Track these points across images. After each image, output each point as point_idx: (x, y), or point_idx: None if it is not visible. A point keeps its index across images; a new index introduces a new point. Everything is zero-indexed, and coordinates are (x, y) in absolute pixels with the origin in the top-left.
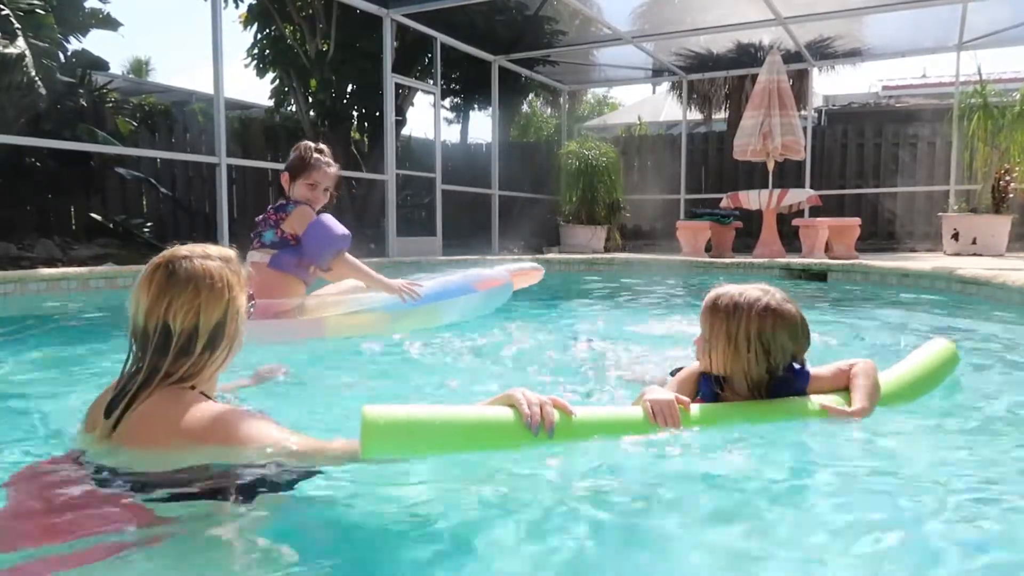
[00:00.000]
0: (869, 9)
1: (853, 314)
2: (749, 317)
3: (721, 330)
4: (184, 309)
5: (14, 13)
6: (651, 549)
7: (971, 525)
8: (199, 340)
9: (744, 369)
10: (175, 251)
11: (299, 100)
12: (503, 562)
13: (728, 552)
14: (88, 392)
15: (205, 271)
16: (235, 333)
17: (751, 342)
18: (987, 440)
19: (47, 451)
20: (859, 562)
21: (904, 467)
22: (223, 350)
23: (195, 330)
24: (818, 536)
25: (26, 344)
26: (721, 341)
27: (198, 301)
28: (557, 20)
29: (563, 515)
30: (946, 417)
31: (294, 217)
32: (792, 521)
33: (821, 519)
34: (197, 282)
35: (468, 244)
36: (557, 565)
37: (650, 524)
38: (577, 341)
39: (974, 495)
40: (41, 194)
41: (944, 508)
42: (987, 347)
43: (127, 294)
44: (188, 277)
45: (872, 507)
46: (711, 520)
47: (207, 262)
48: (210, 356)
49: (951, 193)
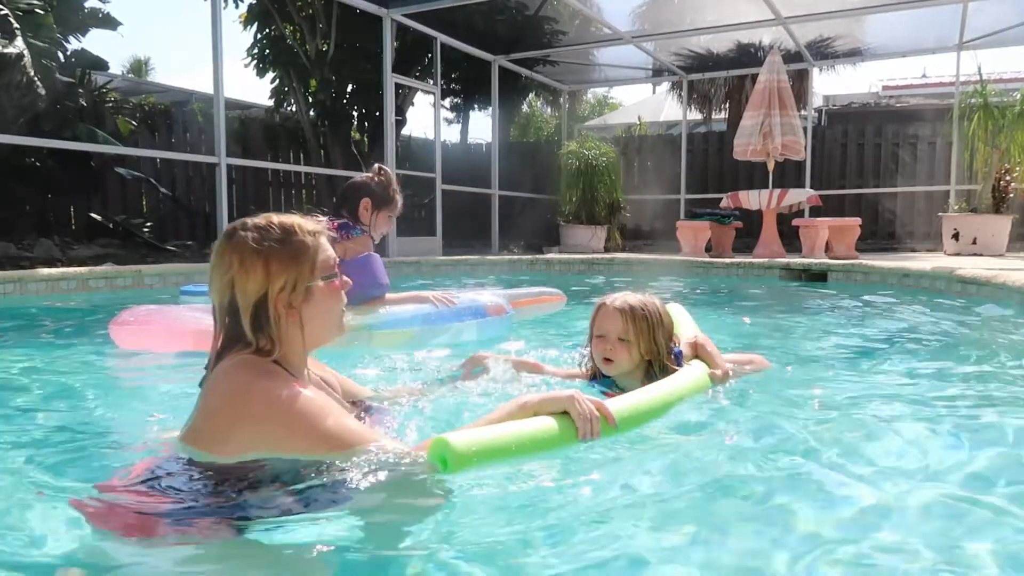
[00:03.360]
0: (869, 9)
1: (853, 314)
2: (661, 315)
3: (637, 331)
4: (217, 284)
5: (13, 13)
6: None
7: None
8: (243, 316)
9: (657, 357)
10: (243, 219)
11: (299, 100)
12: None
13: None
14: (87, 392)
15: (239, 244)
16: (287, 311)
17: (665, 335)
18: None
19: (47, 451)
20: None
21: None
22: (283, 325)
23: (233, 305)
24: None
25: (26, 343)
26: (645, 338)
27: (228, 277)
28: (557, 20)
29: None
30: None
31: (355, 244)
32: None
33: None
34: (228, 257)
35: (468, 244)
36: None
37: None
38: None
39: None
40: (41, 194)
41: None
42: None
43: (126, 294)
44: (221, 252)
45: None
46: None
47: (245, 233)
48: (266, 332)
49: (951, 193)
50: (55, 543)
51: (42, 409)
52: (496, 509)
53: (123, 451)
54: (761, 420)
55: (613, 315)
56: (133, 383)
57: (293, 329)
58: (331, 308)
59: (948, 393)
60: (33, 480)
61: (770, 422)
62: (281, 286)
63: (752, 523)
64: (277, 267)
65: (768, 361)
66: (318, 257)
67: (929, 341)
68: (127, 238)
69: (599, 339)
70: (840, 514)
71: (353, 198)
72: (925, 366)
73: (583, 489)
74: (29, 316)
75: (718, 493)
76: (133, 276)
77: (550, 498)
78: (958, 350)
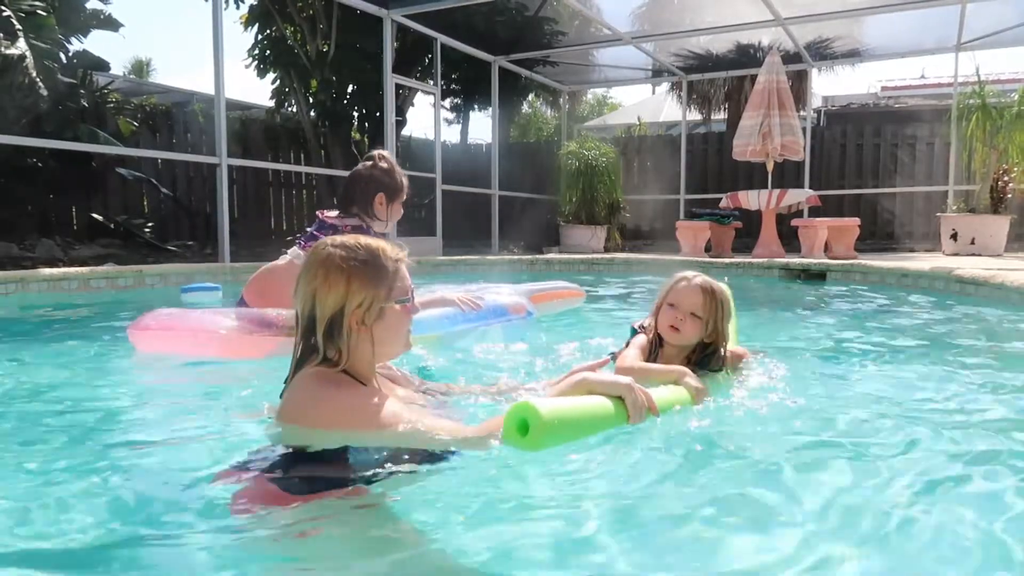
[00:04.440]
0: (868, 10)
1: (852, 314)
2: (730, 307)
3: (712, 310)
4: (302, 293)
5: (15, 14)
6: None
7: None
8: (318, 326)
9: (713, 342)
10: (334, 236)
11: (300, 100)
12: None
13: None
14: (86, 391)
15: (327, 259)
16: (359, 327)
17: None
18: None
19: (46, 452)
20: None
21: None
22: (354, 339)
23: (312, 315)
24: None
25: (25, 344)
26: (713, 320)
27: (312, 287)
28: (557, 20)
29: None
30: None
31: None
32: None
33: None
34: (315, 269)
35: (468, 244)
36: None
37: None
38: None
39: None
40: (42, 194)
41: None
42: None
43: (127, 294)
44: (310, 263)
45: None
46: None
47: (334, 251)
48: (335, 343)
49: (950, 193)
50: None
51: (41, 409)
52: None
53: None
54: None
55: (693, 290)
56: (154, 384)
57: (363, 343)
58: (400, 328)
59: (947, 393)
60: (79, 488)
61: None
62: (358, 303)
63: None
64: (357, 285)
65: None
66: (396, 282)
67: (928, 341)
68: (128, 238)
69: (671, 308)
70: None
71: (364, 195)
72: (924, 365)
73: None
74: (28, 316)
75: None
76: (134, 276)
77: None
78: (958, 350)
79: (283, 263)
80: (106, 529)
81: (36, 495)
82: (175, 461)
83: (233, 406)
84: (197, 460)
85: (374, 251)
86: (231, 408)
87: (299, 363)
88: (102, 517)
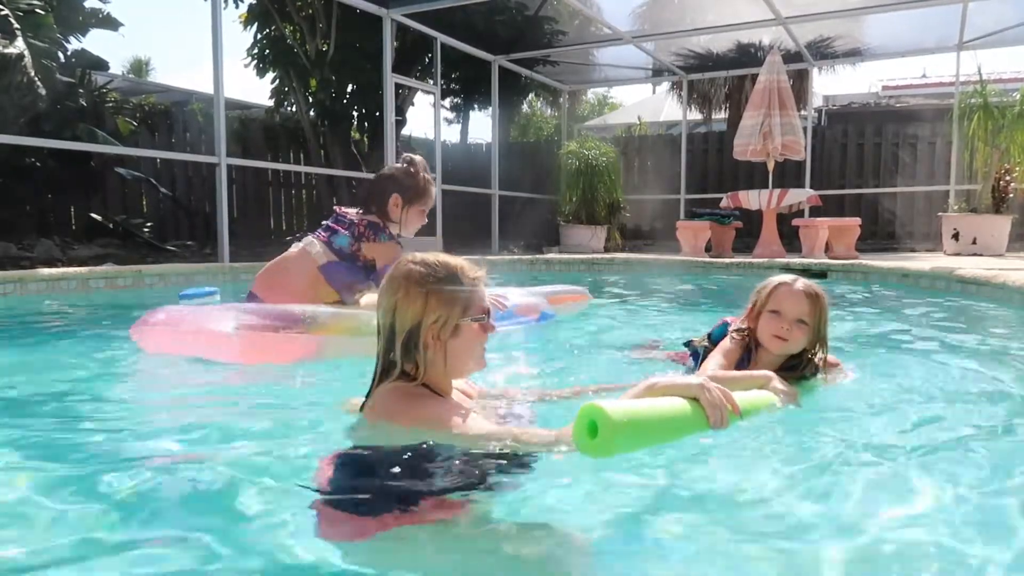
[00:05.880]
0: (869, 9)
1: (852, 314)
2: (827, 304)
3: (817, 316)
4: (384, 305)
5: (13, 13)
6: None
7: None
8: (397, 338)
9: (816, 348)
10: (415, 253)
11: (299, 100)
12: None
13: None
14: (85, 391)
15: (407, 275)
16: (435, 342)
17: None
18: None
19: (45, 451)
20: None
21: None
22: (429, 353)
23: (392, 327)
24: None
25: (25, 345)
26: (818, 326)
27: (393, 300)
28: (557, 20)
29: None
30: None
31: (381, 250)
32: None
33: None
34: (396, 284)
35: (468, 244)
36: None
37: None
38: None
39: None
40: (41, 194)
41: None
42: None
43: (127, 294)
44: (391, 278)
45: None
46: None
47: (414, 267)
48: (412, 356)
49: (951, 193)
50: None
51: (40, 409)
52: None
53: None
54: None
55: (798, 296)
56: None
57: (438, 357)
58: (474, 346)
59: (946, 392)
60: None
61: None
62: (434, 319)
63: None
64: (435, 302)
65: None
66: (472, 301)
67: (927, 341)
68: (127, 238)
69: (774, 316)
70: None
71: (381, 194)
72: (923, 366)
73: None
74: (29, 316)
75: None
76: (133, 276)
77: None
78: (957, 350)
79: (295, 252)
80: (106, 530)
81: (36, 495)
82: (175, 461)
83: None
84: (200, 459)
85: (453, 269)
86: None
87: (380, 376)
88: (102, 517)
